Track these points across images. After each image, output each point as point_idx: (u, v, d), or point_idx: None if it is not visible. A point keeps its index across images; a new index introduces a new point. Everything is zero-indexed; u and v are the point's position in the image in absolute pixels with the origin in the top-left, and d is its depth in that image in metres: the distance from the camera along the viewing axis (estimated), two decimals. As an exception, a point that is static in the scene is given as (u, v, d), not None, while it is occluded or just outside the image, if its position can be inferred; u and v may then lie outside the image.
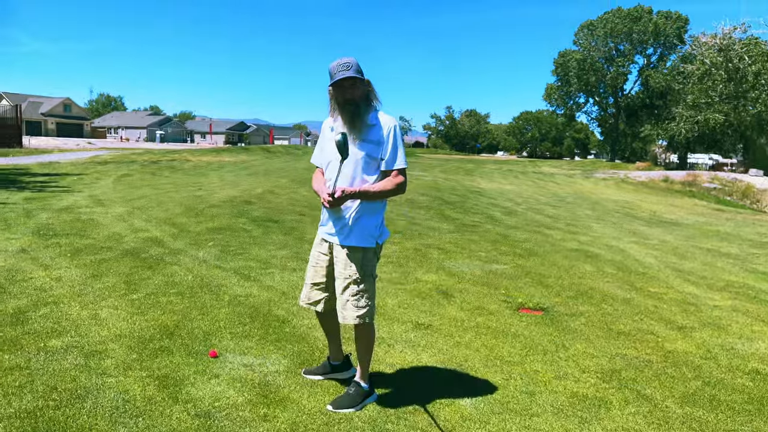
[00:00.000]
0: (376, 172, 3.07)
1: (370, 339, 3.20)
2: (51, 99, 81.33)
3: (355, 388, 3.20)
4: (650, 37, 56.92)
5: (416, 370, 3.69)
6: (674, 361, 4.07)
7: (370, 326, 3.16)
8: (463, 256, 7.18)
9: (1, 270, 5.42)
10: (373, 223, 3.10)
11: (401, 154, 3.09)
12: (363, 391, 3.19)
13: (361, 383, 3.21)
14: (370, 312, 3.11)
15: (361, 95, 3.01)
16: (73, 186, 13.30)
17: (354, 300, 3.07)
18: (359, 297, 3.07)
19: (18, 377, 3.24)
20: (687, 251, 8.57)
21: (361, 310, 3.07)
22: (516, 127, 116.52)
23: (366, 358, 3.23)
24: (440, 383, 3.50)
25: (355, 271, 3.06)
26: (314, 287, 3.28)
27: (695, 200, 19.75)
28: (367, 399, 3.20)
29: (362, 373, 3.24)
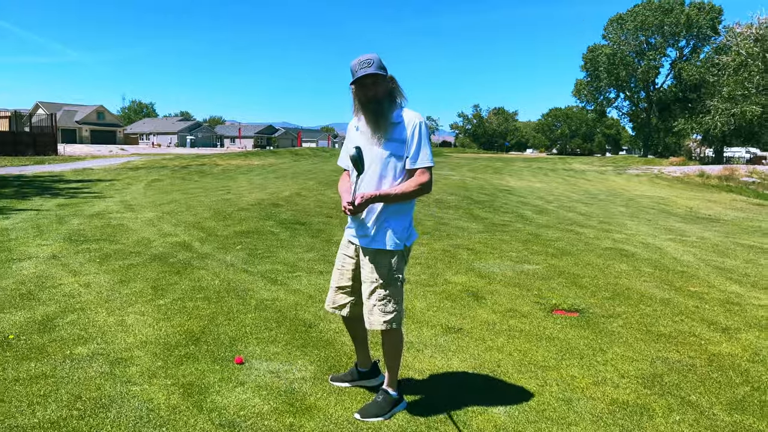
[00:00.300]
0: (402, 172, 2.94)
1: (397, 345, 3.08)
2: (85, 107, 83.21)
3: (383, 395, 3.08)
4: (682, 29, 55.50)
5: (446, 376, 3.56)
6: (719, 364, 3.86)
7: (397, 332, 3.04)
8: (494, 257, 7.01)
9: (32, 276, 5.46)
10: (401, 225, 2.96)
11: (426, 151, 2.93)
12: (391, 399, 3.07)
13: (390, 391, 3.09)
14: (397, 317, 2.98)
15: (384, 92, 2.88)
16: (105, 192, 13.49)
17: (381, 305, 2.96)
18: (386, 302, 2.95)
19: (43, 386, 3.21)
20: (728, 248, 8.24)
21: (388, 315, 2.96)
22: (545, 124, 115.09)
23: (394, 364, 3.11)
24: (472, 390, 3.36)
25: (382, 275, 2.94)
26: (339, 291, 3.18)
27: (733, 195, 19.14)
28: (396, 407, 3.08)
29: (390, 380, 3.12)
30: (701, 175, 26.17)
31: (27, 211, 9.71)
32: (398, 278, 2.97)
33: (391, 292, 2.96)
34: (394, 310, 2.97)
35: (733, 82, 39.89)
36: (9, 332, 4.00)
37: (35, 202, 11.18)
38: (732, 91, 39.80)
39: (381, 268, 2.94)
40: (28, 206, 10.44)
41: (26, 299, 4.76)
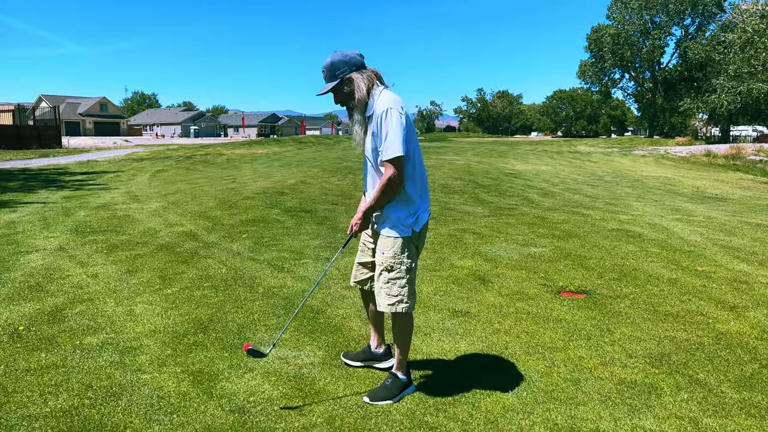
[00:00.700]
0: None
1: (404, 329, 3.08)
2: (88, 99, 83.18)
3: (392, 379, 3.10)
4: (687, 6, 54.83)
5: (455, 359, 3.57)
6: (728, 342, 3.86)
7: (405, 316, 3.04)
8: (500, 240, 7.01)
9: (40, 268, 5.49)
10: (403, 214, 2.92)
11: (391, 141, 2.75)
12: (400, 383, 3.08)
13: (398, 374, 3.10)
14: (403, 302, 2.97)
15: (347, 96, 2.88)
16: (110, 183, 13.53)
17: (386, 288, 2.97)
18: (391, 285, 2.96)
19: (54, 376, 3.24)
20: (735, 227, 8.20)
21: (392, 299, 2.97)
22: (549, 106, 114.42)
23: (402, 348, 3.11)
24: (480, 372, 3.37)
25: (386, 258, 2.95)
26: (361, 267, 3.24)
27: (740, 174, 19.02)
28: (405, 390, 3.09)
29: (399, 363, 3.13)
30: (708, 154, 26.00)
31: (33, 204, 9.75)
32: (403, 263, 2.95)
33: (395, 276, 2.95)
34: (398, 295, 2.96)
35: (740, 59, 39.48)
36: (19, 324, 4.03)
37: (41, 194, 11.22)
38: (738, 69, 39.40)
39: (386, 252, 2.95)
40: (34, 199, 10.48)
41: (35, 291, 4.79)
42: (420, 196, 2.96)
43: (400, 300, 2.97)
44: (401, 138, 2.76)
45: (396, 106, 2.78)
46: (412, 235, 2.95)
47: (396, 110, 2.77)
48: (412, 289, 3.01)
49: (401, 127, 2.77)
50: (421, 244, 3.08)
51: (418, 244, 3.03)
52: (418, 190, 2.96)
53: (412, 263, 2.97)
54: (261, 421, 2.81)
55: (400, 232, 2.92)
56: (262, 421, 2.80)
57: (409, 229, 2.93)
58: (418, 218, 2.95)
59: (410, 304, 3.00)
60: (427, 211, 3.01)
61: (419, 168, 2.95)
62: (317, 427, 2.76)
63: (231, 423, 2.78)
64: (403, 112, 2.80)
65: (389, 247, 2.94)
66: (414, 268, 3.00)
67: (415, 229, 2.94)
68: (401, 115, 2.78)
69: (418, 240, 3.01)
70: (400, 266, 2.95)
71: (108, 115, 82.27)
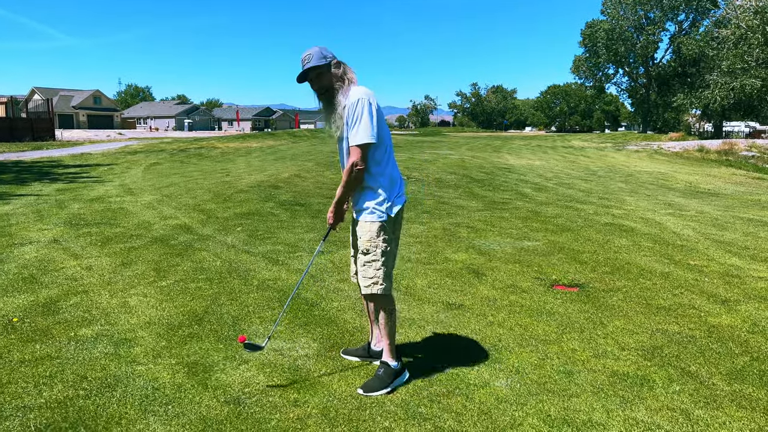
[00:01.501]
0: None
1: (386, 312, 3.11)
2: (81, 92, 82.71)
3: (383, 368, 3.12)
4: (681, 2, 54.90)
5: (449, 351, 3.60)
6: (719, 336, 3.89)
7: (383, 298, 3.09)
8: (494, 234, 7.03)
9: (34, 261, 5.48)
10: (375, 200, 3.00)
11: (357, 128, 2.86)
12: (392, 371, 3.11)
13: (389, 362, 3.13)
14: (378, 284, 3.04)
15: (331, 81, 2.97)
16: (104, 176, 13.47)
17: (363, 270, 3.08)
18: (367, 268, 3.06)
19: (49, 367, 3.24)
20: (727, 222, 8.26)
21: (368, 280, 3.06)
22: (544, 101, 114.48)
23: (387, 332, 3.14)
24: (473, 364, 3.39)
25: (362, 242, 3.05)
26: (352, 259, 3.31)
27: (733, 169, 19.12)
28: (398, 379, 3.12)
29: (388, 350, 3.15)
30: (700, 150, 26.10)
31: (27, 197, 9.71)
32: (378, 246, 3.03)
33: (371, 258, 3.04)
34: (374, 276, 3.04)
35: (733, 55, 39.60)
36: (13, 315, 4.03)
37: (35, 187, 11.17)
38: (732, 65, 39.52)
39: (362, 236, 3.05)
40: (28, 191, 10.43)
41: (29, 283, 4.78)
42: (393, 182, 3.06)
43: (375, 282, 3.05)
44: (371, 126, 2.87)
45: (367, 97, 2.90)
46: (387, 219, 3.03)
47: (367, 100, 2.89)
48: (389, 272, 3.09)
49: (371, 116, 2.88)
50: (398, 229, 3.19)
51: (394, 229, 3.12)
52: (391, 177, 3.06)
53: (387, 247, 3.05)
54: (256, 412, 2.82)
55: (377, 217, 3.01)
56: (257, 413, 2.81)
57: (385, 214, 3.02)
58: (392, 203, 3.05)
59: (386, 286, 3.07)
60: (401, 197, 3.12)
61: (390, 156, 3.07)
62: (312, 417, 2.78)
63: (226, 414, 2.79)
64: (374, 102, 2.92)
65: (366, 231, 3.04)
66: (390, 252, 3.08)
67: (390, 214, 3.03)
68: (371, 105, 2.89)
69: (393, 225, 3.10)
70: (376, 249, 3.03)
71: (101, 107, 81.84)
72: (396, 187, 3.09)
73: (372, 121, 2.88)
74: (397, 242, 3.23)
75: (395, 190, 3.07)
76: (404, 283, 4.95)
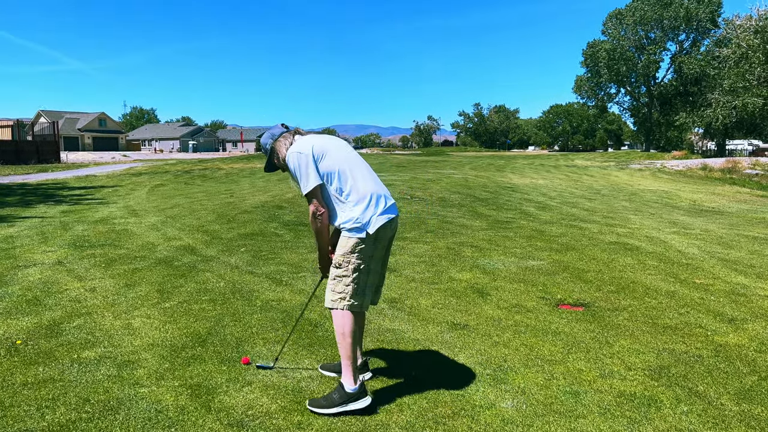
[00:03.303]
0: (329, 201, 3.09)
1: (342, 329, 3.03)
2: (87, 114, 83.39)
3: (337, 390, 3.02)
4: (682, 22, 55.39)
5: (453, 372, 3.57)
6: (726, 355, 3.86)
7: (345, 316, 3.03)
8: (498, 253, 7.01)
9: (38, 282, 5.48)
10: (352, 218, 3.00)
11: (301, 180, 3.03)
12: (345, 394, 2.99)
13: (344, 385, 3.01)
14: (344, 299, 3.02)
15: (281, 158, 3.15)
16: (109, 198, 13.53)
17: (332, 284, 3.07)
18: (336, 282, 3.05)
19: (51, 389, 3.22)
20: (732, 240, 8.23)
21: (335, 295, 3.05)
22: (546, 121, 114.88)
23: (343, 352, 3.04)
24: (479, 385, 3.36)
25: (337, 255, 3.06)
26: None
27: (737, 187, 19.10)
28: (353, 403, 2.98)
29: (344, 372, 3.04)
30: (704, 168, 26.11)
31: (31, 219, 9.75)
32: (351, 262, 3.01)
33: (341, 273, 3.03)
34: (342, 293, 3.03)
35: (734, 74, 39.81)
36: (17, 338, 4.02)
37: (39, 209, 11.22)
38: (733, 84, 39.71)
39: (337, 250, 3.07)
40: (33, 214, 10.47)
41: (33, 305, 4.78)
42: (371, 200, 3.03)
43: (342, 297, 3.03)
44: (306, 174, 2.99)
45: (295, 149, 3.04)
46: (366, 236, 2.99)
47: (295, 153, 3.03)
48: (360, 290, 3.05)
49: (301, 165, 3.00)
50: (382, 248, 3.13)
51: (374, 247, 3.05)
52: (365, 197, 3.03)
53: (361, 264, 3.02)
54: (259, 434, 2.79)
55: (354, 233, 3.00)
56: (260, 435, 2.78)
57: (363, 231, 2.99)
58: (370, 221, 3.00)
59: (353, 304, 3.03)
60: (385, 214, 3.05)
61: (358, 177, 3.06)
62: (316, 440, 2.75)
63: (229, 437, 2.77)
64: (304, 152, 3.01)
65: (341, 245, 3.05)
66: (364, 270, 3.04)
67: (368, 231, 2.99)
68: (300, 154, 3.01)
69: (374, 242, 3.04)
70: (348, 264, 3.01)
71: (107, 130, 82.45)
72: (377, 204, 3.04)
73: (306, 169, 2.99)
74: (381, 261, 3.20)
75: (376, 208, 3.03)
76: (408, 303, 4.93)
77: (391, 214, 3.09)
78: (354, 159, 3.13)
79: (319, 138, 3.15)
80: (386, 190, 3.20)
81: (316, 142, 3.09)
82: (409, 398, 3.18)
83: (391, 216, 3.08)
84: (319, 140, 3.12)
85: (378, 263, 3.17)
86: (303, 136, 3.19)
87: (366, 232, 2.99)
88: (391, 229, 3.13)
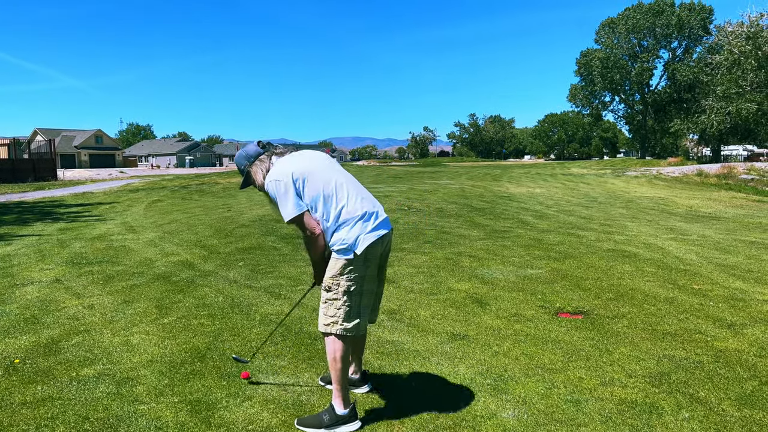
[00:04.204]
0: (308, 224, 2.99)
1: (334, 353, 2.96)
2: (83, 132, 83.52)
3: (328, 412, 2.98)
4: (674, 30, 55.82)
5: (454, 382, 3.56)
6: (727, 360, 3.85)
7: (338, 340, 2.96)
8: (496, 263, 7.01)
9: (36, 301, 5.46)
10: (340, 238, 2.91)
11: (281, 208, 2.94)
12: (335, 417, 2.95)
13: (335, 407, 2.98)
14: (338, 324, 2.94)
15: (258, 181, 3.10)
16: (106, 214, 13.51)
17: (323, 308, 3.00)
18: (328, 306, 2.97)
19: (50, 408, 3.20)
20: (729, 245, 8.24)
21: (327, 319, 2.97)
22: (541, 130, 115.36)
23: (335, 376, 2.98)
24: (480, 395, 3.35)
25: (326, 277, 2.99)
26: None
27: (732, 193, 19.16)
28: (341, 426, 2.95)
29: (336, 394, 3.00)
30: (700, 174, 26.20)
31: (28, 237, 9.73)
32: (340, 285, 2.93)
33: (332, 297, 2.96)
34: (334, 316, 2.95)
35: (727, 80, 40.04)
36: (14, 356, 4.00)
37: (36, 227, 11.19)
38: (726, 90, 39.92)
39: (328, 272, 2.99)
40: (30, 232, 10.45)
41: (30, 323, 4.76)
42: (356, 221, 2.91)
43: (334, 322, 2.95)
44: (286, 203, 2.91)
45: (274, 177, 2.96)
46: (354, 257, 2.91)
47: (274, 180, 2.95)
48: (353, 312, 2.96)
49: (280, 194, 2.92)
50: (374, 265, 3.02)
51: (364, 267, 2.95)
52: (352, 217, 2.92)
53: (352, 286, 2.93)
54: (260, 449, 2.78)
55: (342, 254, 2.91)
56: (261, 450, 2.77)
57: (350, 251, 2.89)
58: (358, 239, 2.89)
59: (346, 327, 2.95)
60: (374, 232, 2.94)
61: (346, 198, 2.95)
62: (317, 454, 2.73)
63: (230, 452, 2.75)
64: (283, 179, 2.92)
65: (330, 268, 2.97)
66: (355, 291, 2.95)
67: (356, 251, 2.89)
68: (279, 182, 2.93)
69: (364, 262, 2.94)
70: (338, 288, 2.94)
71: (103, 147, 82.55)
72: (364, 222, 2.93)
73: (285, 198, 2.91)
74: (375, 279, 3.10)
75: (363, 226, 2.92)
76: (408, 314, 4.92)
77: (381, 230, 2.97)
78: (338, 176, 3.01)
79: (298, 160, 3.03)
80: (377, 204, 3.08)
81: (295, 166, 2.96)
82: (409, 410, 3.16)
83: (380, 233, 2.96)
84: (299, 163, 2.99)
85: (372, 283, 3.05)
86: (281, 158, 3.08)
87: (354, 253, 2.89)
88: (382, 246, 3.03)
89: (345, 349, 2.98)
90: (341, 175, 3.04)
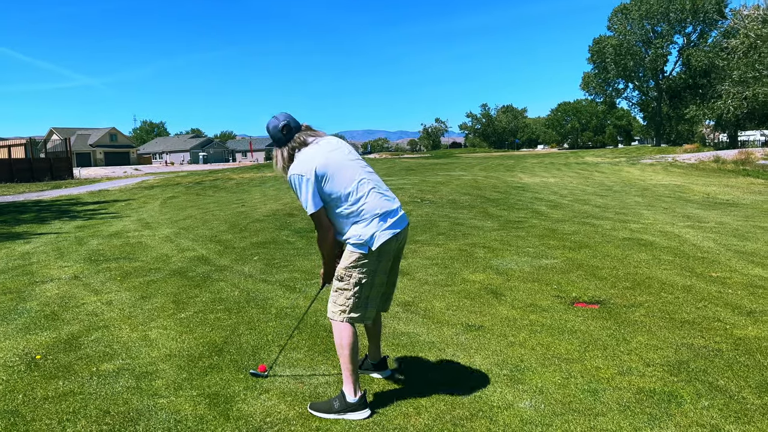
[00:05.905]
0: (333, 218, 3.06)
1: (341, 341, 3.03)
2: (98, 130, 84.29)
3: (338, 399, 3.05)
4: (688, 15, 55.05)
5: (470, 373, 3.56)
6: (746, 348, 3.81)
7: (345, 328, 3.03)
8: (511, 253, 6.99)
9: (56, 297, 5.54)
10: (356, 233, 2.97)
11: (303, 202, 2.99)
12: (345, 404, 3.01)
13: (345, 395, 3.03)
14: (345, 312, 3.03)
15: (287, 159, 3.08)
16: (122, 212, 13.65)
17: (333, 296, 3.09)
18: (338, 294, 3.06)
19: (72, 403, 3.25)
20: (748, 232, 8.14)
21: (336, 307, 3.06)
22: (555, 119, 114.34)
23: (343, 364, 3.05)
24: (496, 386, 3.35)
25: (339, 268, 3.06)
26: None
27: (750, 179, 18.90)
28: (351, 413, 3.00)
29: (345, 382, 3.06)
30: (716, 160, 25.87)
31: (47, 235, 9.85)
32: (353, 276, 3.00)
33: (343, 286, 3.04)
34: (343, 305, 3.04)
35: (744, 65, 39.45)
36: (36, 352, 4.06)
37: (54, 225, 11.34)
38: (743, 74, 39.35)
39: (341, 262, 3.06)
40: (48, 230, 10.59)
41: (51, 320, 4.83)
42: (373, 218, 2.98)
43: (343, 310, 3.04)
44: (306, 197, 2.96)
45: (297, 170, 2.97)
46: (368, 252, 2.97)
47: (297, 174, 2.97)
48: (361, 303, 3.05)
49: (302, 189, 2.96)
50: (388, 260, 3.08)
51: (377, 262, 3.01)
52: (371, 214, 2.98)
53: (363, 279, 3.01)
54: (278, 441, 2.80)
55: (356, 248, 2.98)
56: (279, 442, 2.79)
57: (365, 246, 2.96)
58: (374, 236, 2.96)
59: (353, 317, 3.04)
60: (390, 229, 3.00)
61: (367, 194, 2.99)
62: (335, 445, 2.75)
63: (249, 444, 2.78)
64: (306, 175, 2.94)
65: (344, 258, 3.04)
66: (366, 284, 3.02)
67: (371, 246, 2.96)
68: (302, 177, 2.95)
69: (377, 257, 3.00)
70: (349, 278, 3.02)
71: (118, 145, 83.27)
72: (382, 219, 2.99)
73: (306, 194, 2.95)
74: (388, 274, 3.16)
75: (381, 223, 2.98)
76: (422, 305, 4.93)
77: (396, 228, 3.03)
78: (360, 171, 3.05)
79: (323, 152, 3.02)
80: (395, 201, 3.12)
81: (319, 160, 2.97)
82: (426, 401, 3.17)
83: (396, 231, 3.02)
84: (323, 156, 2.99)
85: (384, 275, 3.12)
86: (307, 148, 3.06)
87: (369, 248, 2.97)
88: (397, 242, 3.08)
89: (352, 335, 3.05)
90: (363, 169, 3.09)
